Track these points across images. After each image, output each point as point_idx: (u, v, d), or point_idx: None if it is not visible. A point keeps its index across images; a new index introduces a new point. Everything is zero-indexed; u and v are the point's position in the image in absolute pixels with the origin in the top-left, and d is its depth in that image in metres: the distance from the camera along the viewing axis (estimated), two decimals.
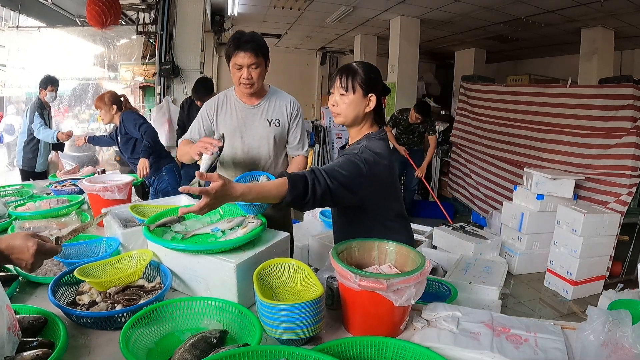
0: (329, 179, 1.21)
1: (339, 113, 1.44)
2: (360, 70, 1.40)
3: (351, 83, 1.39)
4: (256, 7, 6.58)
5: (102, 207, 1.78)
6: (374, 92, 1.41)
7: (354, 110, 1.41)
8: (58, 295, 1.21)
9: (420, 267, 1.09)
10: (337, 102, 1.43)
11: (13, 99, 5.27)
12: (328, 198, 1.22)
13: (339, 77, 1.41)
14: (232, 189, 1.07)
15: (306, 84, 11.26)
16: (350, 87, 1.39)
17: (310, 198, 1.18)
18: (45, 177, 3.91)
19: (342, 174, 1.25)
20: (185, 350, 0.95)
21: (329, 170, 1.24)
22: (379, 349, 0.98)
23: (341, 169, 1.26)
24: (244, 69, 1.78)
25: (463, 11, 6.00)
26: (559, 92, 4.33)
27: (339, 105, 1.43)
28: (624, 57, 7.26)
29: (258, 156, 1.93)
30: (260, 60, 1.79)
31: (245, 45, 1.74)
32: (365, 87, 1.39)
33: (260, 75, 1.82)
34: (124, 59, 5.12)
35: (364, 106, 1.41)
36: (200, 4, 4.75)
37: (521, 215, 3.76)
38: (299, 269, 1.24)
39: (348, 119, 1.43)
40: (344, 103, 1.41)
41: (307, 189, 1.17)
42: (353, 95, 1.40)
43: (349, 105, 1.41)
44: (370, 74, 1.41)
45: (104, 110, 3.01)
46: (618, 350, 0.97)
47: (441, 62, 10.64)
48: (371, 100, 1.41)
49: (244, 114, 1.92)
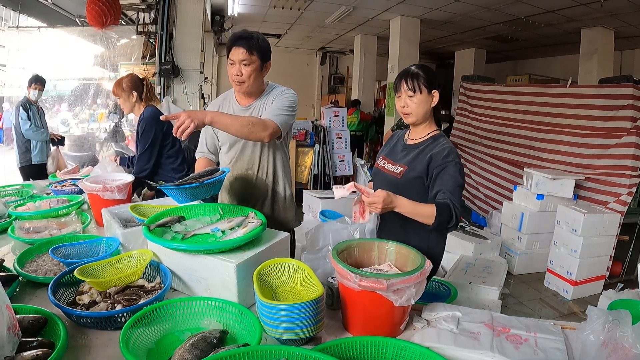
0: (457, 200, 1.39)
1: (410, 113, 1.56)
2: (421, 72, 1.54)
3: (417, 84, 1.53)
4: (256, 7, 6.59)
5: (102, 207, 1.78)
6: (437, 88, 1.56)
7: (423, 108, 1.55)
8: (58, 295, 1.20)
9: (420, 267, 1.09)
10: (407, 103, 1.56)
11: (13, 99, 5.28)
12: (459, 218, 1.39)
13: (404, 80, 1.55)
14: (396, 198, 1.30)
15: (306, 84, 11.26)
16: (417, 88, 1.53)
17: (454, 223, 1.36)
18: (45, 172, 3.93)
19: (460, 189, 1.43)
20: (185, 350, 0.95)
21: (456, 190, 1.41)
22: (379, 349, 0.98)
23: (459, 185, 1.43)
24: (236, 65, 1.75)
25: (463, 11, 6.00)
26: (559, 92, 4.33)
27: (409, 106, 1.55)
28: (624, 57, 7.27)
29: (252, 156, 1.90)
30: (254, 59, 1.74)
31: (239, 41, 1.72)
32: (429, 86, 1.54)
33: (252, 73, 1.75)
34: (124, 59, 5.12)
35: (430, 102, 1.56)
36: (200, 4, 4.75)
37: (521, 215, 3.76)
38: (299, 269, 1.24)
39: (419, 117, 1.56)
40: (414, 103, 1.54)
41: (452, 215, 1.34)
42: (420, 95, 1.53)
43: (419, 105, 1.54)
44: (430, 73, 1.56)
45: (123, 98, 2.54)
46: (618, 350, 0.97)
47: (441, 62, 10.65)
48: (435, 96, 1.56)
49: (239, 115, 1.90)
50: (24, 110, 4.01)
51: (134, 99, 2.52)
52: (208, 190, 1.53)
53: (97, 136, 5.65)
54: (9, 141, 5.10)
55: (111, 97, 5.64)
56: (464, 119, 5.74)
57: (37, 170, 4.02)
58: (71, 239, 1.63)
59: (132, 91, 2.51)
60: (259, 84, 1.85)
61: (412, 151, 1.58)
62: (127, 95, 2.51)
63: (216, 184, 1.54)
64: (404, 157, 1.59)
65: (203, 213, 1.58)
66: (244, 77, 1.76)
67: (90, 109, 5.59)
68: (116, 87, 2.53)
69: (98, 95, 5.51)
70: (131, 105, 2.54)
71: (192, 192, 1.47)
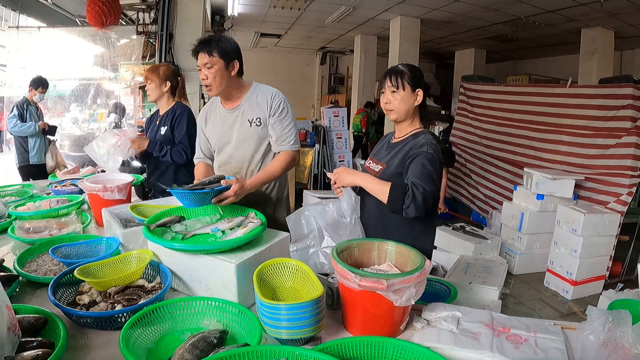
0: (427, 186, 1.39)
1: (392, 109, 1.58)
2: (406, 70, 1.56)
3: (400, 81, 1.55)
4: (256, 7, 6.59)
5: (102, 207, 1.78)
6: (421, 87, 1.57)
7: (405, 105, 1.56)
8: (58, 295, 1.20)
9: (420, 267, 1.09)
10: (390, 99, 1.58)
11: (13, 99, 5.28)
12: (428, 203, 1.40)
13: (388, 77, 1.57)
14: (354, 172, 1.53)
15: (306, 84, 11.26)
16: (400, 84, 1.55)
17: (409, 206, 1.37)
18: (44, 172, 3.94)
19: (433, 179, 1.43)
20: (185, 350, 0.95)
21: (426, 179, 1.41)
22: (379, 349, 0.98)
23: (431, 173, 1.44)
24: (202, 70, 1.79)
25: (463, 11, 6.00)
26: (559, 92, 4.33)
27: (391, 103, 1.57)
28: (624, 57, 7.27)
29: (242, 159, 1.90)
30: (216, 60, 1.75)
31: (200, 46, 1.78)
32: (413, 84, 1.55)
33: (217, 74, 1.77)
34: (124, 59, 5.12)
35: (413, 101, 1.57)
36: (200, 4, 4.75)
37: (521, 215, 3.76)
38: (299, 269, 1.24)
39: (401, 114, 1.58)
40: (396, 99, 1.56)
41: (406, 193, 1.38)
42: (403, 92, 1.55)
43: (401, 101, 1.56)
44: (415, 72, 1.58)
45: (154, 84, 2.44)
46: (618, 350, 0.97)
47: (441, 62, 10.65)
48: (419, 94, 1.57)
49: (226, 119, 1.91)
50: (17, 110, 4.04)
51: (165, 89, 2.46)
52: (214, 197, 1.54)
53: (97, 136, 5.65)
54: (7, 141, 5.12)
55: (111, 97, 5.65)
56: (464, 119, 5.74)
57: (35, 170, 4.03)
58: (71, 239, 1.63)
59: (166, 81, 2.46)
60: (233, 84, 1.85)
61: (394, 149, 1.60)
62: (159, 82, 2.44)
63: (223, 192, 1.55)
64: (386, 155, 1.62)
65: (203, 213, 1.58)
66: (210, 80, 1.79)
67: (90, 109, 5.59)
68: (151, 72, 2.45)
69: (98, 95, 5.51)
70: (160, 94, 2.46)
71: (201, 197, 1.47)
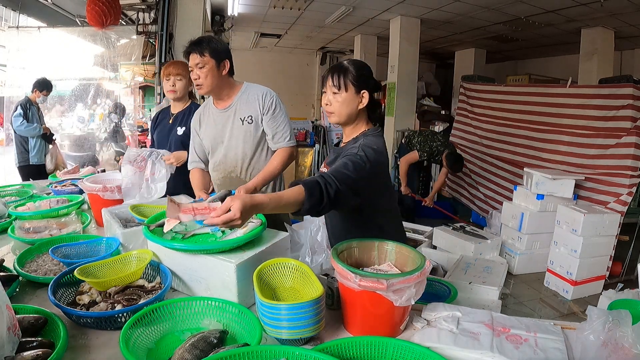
0: (339, 183, 1.21)
1: (333, 112, 1.44)
2: (352, 68, 1.41)
3: (343, 81, 1.40)
4: (256, 7, 6.58)
5: (102, 207, 1.78)
6: (366, 88, 1.42)
7: (347, 108, 1.42)
8: (58, 295, 1.20)
9: (420, 267, 1.09)
10: (330, 101, 1.44)
11: (13, 99, 5.28)
12: (340, 202, 1.23)
13: (330, 75, 1.42)
14: (255, 207, 1.09)
15: (306, 84, 11.25)
16: (343, 85, 1.40)
17: (326, 203, 1.19)
18: (44, 172, 3.94)
19: (349, 177, 1.25)
20: (185, 350, 0.95)
21: (337, 174, 1.24)
22: (379, 349, 0.98)
23: (347, 171, 1.26)
24: (194, 70, 1.82)
25: (463, 11, 5.99)
26: (559, 92, 4.33)
27: (332, 104, 1.43)
28: (624, 57, 7.26)
29: (235, 157, 1.93)
30: (207, 60, 1.80)
31: (190, 47, 1.81)
32: (358, 84, 1.40)
33: (208, 74, 1.81)
34: (124, 59, 5.12)
35: (357, 103, 1.42)
36: (200, 4, 4.75)
37: (521, 215, 3.76)
38: (299, 269, 1.24)
39: (342, 117, 1.44)
40: (337, 101, 1.42)
41: (323, 194, 1.18)
42: (346, 93, 1.40)
43: (342, 104, 1.41)
44: (362, 70, 1.42)
45: (184, 81, 2.36)
46: (618, 350, 0.97)
47: (441, 62, 10.64)
48: (364, 97, 1.42)
49: (219, 119, 1.94)
50: (22, 109, 4.05)
51: (190, 88, 2.45)
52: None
53: (97, 136, 5.65)
54: (8, 141, 5.12)
55: (111, 97, 5.66)
56: (464, 119, 5.74)
57: (35, 171, 4.03)
58: (71, 239, 1.64)
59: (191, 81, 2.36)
60: (223, 83, 1.89)
61: (337, 155, 1.46)
62: (188, 82, 2.37)
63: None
64: (331, 163, 1.49)
65: None
66: (201, 80, 1.82)
67: (90, 109, 5.59)
68: (183, 67, 2.33)
69: (98, 95, 5.51)
70: (186, 92, 2.43)
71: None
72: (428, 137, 4.93)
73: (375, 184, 1.39)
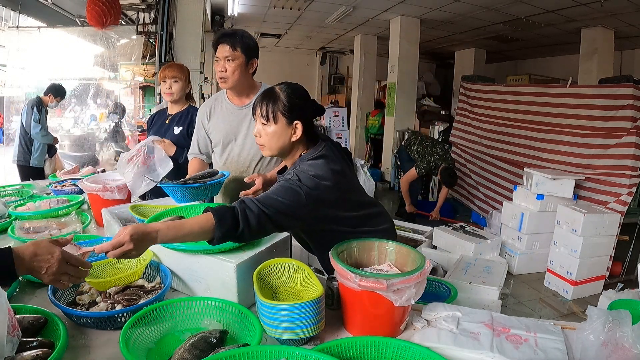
0: (263, 206, 1.13)
1: (263, 145, 1.32)
2: (283, 96, 1.27)
3: (271, 111, 1.27)
4: (256, 7, 6.59)
5: (102, 207, 1.78)
6: (300, 118, 1.28)
7: (278, 141, 1.30)
8: (58, 295, 1.20)
9: (420, 267, 1.09)
10: (260, 132, 1.32)
11: (13, 99, 5.28)
12: (269, 226, 1.14)
13: (259, 105, 1.30)
14: (148, 233, 0.99)
15: (306, 84, 11.15)
16: (272, 116, 1.27)
17: (243, 228, 1.09)
18: (43, 175, 3.94)
19: (280, 201, 1.15)
20: (185, 350, 0.95)
21: (263, 198, 1.16)
22: (379, 349, 0.98)
23: (277, 196, 1.16)
24: (221, 62, 1.77)
25: (463, 11, 6.00)
26: (559, 92, 4.33)
27: (261, 137, 1.31)
28: (624, 57, 7.27)
29: (248, 157, 1.90)
30: (238, 55, 1.76)
31: (223, 37, 1.75)
32: (289, 115, 1.27)
33: (237, 69, 1.77)
34: (124, 59, 5.12)
35: (290, 135, 1.29)
36: (200, 4, 4.75)
37: (521, 215, 3.76)
38: (299, 269, 1.24)
39: (273, 150, 1.32)
40: (267, 134, 1.29)
41: (238, 219, 1.09)
42: (275, 125, 1.28)
43: (273, 137, 1.29)
44: (293, 99, 1.28)
45: (181, 84, 2.34)
46: (618, 350, 0.97)
47: (441, 62, 10.65)
48: (297, 128, 1.29)
49: (234, 116, 1.90)
50: (38, 112, 4.05)
51: (187, 90, 2.43)
52: (207, 192, 1.53)
53: (97, 136, 5.65)
54: (8, 141, 5.12)
55: (111, 97, 5.66)
56: (464, 119, 5.74)
57: (34, 172, 4.03)
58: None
59: (189, 83, 2.43)
60: (247, 81, 1.86)
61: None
62: (185, 84, 2.37)
63: (216, 186, 1.55)
64: None
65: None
66: (228, 74, 1.78)
67: (90, 109, 5.59)
68: (179, 70, 2.34)
69: (98, 95, 5.51)
70: (183, 94, 2.39)
71: (193, 192, 1.47)
72: (427, 150, 4.96)
73: (328, 206, 1.27)
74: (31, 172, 4.03)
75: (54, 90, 4.20)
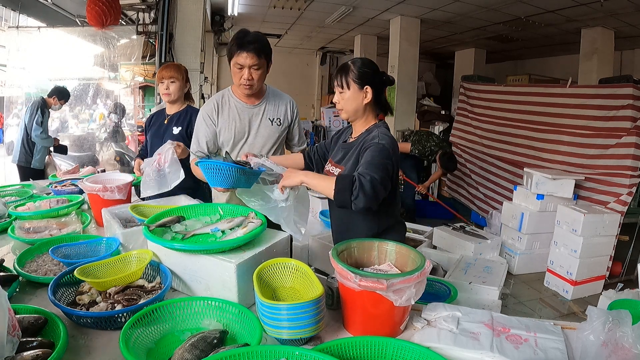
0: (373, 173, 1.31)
1: (341, 109, 1.57)
2: (354, 67, 1.51)
3: (345, 80, 1.51)
4: (256, 7, 6.58)
5: (102, 207, 1.78)
6: (369, 84, 1.51)
7: (352, 104, 1.53)
8: (58, 295, 1.20)
9: (420, 267, 1.09)
10: (338, 99, 1.56)
11: (13, 99, 5.28)
12: (377, 192, 1.30)
13: (335, 76, 1.55)
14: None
15: (306, 84, 11.25)
16: (345, 84, 1.52)
17: (358, 193, 1.27)
18: (43, 176, 3.94)
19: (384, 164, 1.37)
20: (185, 350, 0.95)
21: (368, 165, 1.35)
22: (379, 349, 0.98)
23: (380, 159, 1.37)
24: (245, 70, 1.77)
25: (463, 11, 5.99)
26: (559, 92, 4.33)
27: (340, 102, 1.56)
28: (624, 57, 7.26)
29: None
30: (263, 62, 1.79)
31: (248, 45, 1.73)
32: (360, 81, 1.50)
33: (261, 76, 1.82)
34: (124, 59, 5.12)
35: (362, 99, 1.52)
36: (200, 4, 4.75)
37: (521, 215, 3.76)
38: (299, 269, 1.24)
39: (349, 113, 1.55)
40: (343, 99, 1.54)
41: (354, 184, 1.28)
42: (349, 91, 1.52)
43: (347, 101, 1.53)
44: (363, 68, 1.51)
45: (179, 84, 2.34)
46: (618, 350, 0.97)
47: (441, 62, 10.64)
48: (367, 92, 1.51)
49: (246, 114, 1.92)
50: (41, 114, 4.04)
51: (185, 90, 2.43)
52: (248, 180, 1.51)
53: (97, 136, 5.65)
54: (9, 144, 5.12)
55: (111, 97, 5.66)
56: (464, 119, 5.74)
57: (34, 173, 4.03)
58: (71, 239, 1.63)
59: (187, 82, 2.42)
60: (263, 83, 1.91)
61: (349, 150, 1.56)
62: (183, 84, 2.38)
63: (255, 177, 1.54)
64: (342, 157, 1.58)
65: (203, 213, 1.58)
66: (254, 81, 1.80)
67: (90, 109, 5.59)
68: (176, 70, 2.35)
69: (98, 95, 5.51)
70: (182, 94, 2.40)
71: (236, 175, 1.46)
72: (423, 137, 4.98)
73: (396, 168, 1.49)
74: (32, 172, 4.03)
75: (58, 93, 4.19)
